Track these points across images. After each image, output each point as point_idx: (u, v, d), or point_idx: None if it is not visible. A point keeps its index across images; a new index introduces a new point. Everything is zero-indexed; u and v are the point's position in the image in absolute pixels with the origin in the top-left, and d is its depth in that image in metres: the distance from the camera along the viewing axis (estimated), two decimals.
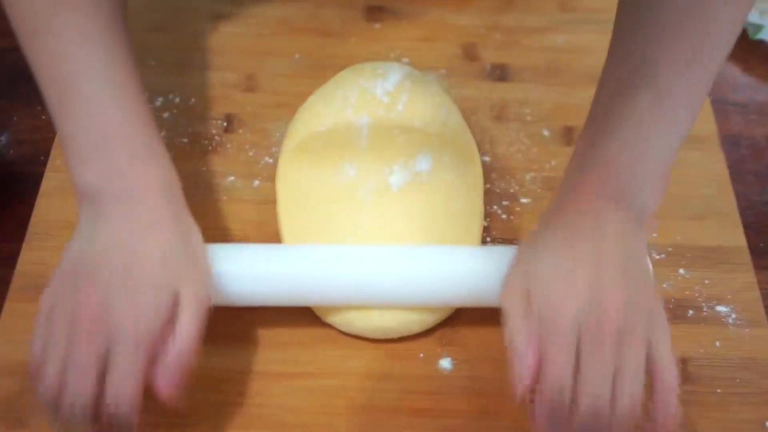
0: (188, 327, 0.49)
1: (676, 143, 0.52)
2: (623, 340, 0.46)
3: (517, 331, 0.49)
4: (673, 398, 0.47)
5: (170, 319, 0.48)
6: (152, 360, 0.47)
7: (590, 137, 0.52)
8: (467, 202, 0.62)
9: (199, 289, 0.50)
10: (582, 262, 0.49)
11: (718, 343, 0.59)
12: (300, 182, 0.62)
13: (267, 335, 0.58)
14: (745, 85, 0.78)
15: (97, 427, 0.47)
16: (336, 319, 0.58)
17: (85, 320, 0.47)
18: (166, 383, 0.48)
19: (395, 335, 0.58)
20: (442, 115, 0.66)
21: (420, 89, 0.67)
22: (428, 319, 0.58)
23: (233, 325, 0.59)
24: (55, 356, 0.47)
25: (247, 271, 0.55)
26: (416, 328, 0.58)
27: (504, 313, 0.50)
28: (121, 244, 0.49)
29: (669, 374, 0.47)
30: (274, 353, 0.58)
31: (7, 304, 0.59)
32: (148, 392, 0.47)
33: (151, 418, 0.52)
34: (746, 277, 0.62)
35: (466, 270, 0.56)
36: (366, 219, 0.60)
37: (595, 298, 0.47)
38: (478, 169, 0.65)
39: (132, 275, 0.48)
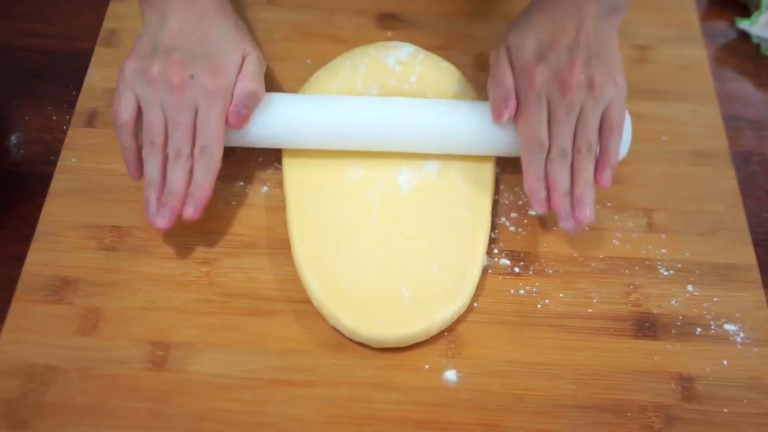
0: (254, 74, 0.63)
1: None
2: (585, 96, 0.59)
3: (499, 68, 0.62)
4: (617, 138, 0.61)
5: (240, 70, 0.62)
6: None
7: None
8: (475, 210, 0.63)
9: (259, 55, 0.65)
10: (558, 33, 0.61)
11: (725, 362, 0.59)
12: (309, 182, 0.63)
13: (271, 342, 0.58)
14: (757, 101, 0.77)
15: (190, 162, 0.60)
16: (341, 324, 0.58)
17: (177, 90, 0.59)
18: (237, 116, 0.61)
19: (401, 344, 0.58)
20: (456, 89, 0.67)
21: (434, 62, 0.68)
22: (431, 328, 0.58)
23: (238, 331, 0.59)
24: (157, 111, 0.60)
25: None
26: (421, 336, 0.58)
27: (491, 63, 0.64)
28: (192, 27, 0.62)
29: (616, 125, 0.60)
30: (277, 360, 0.58)
31: (14, 305, 0.59)
32: None
33: None
34: (756, 295, 0.62)
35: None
36: (374, 222, 0.61)
37: (565, 60, 0.60)
38: (490, 171, 0.65)
39: (210, 46, 0.61)
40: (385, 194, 0.63)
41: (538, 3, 0.63)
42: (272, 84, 0.73)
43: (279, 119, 0.63)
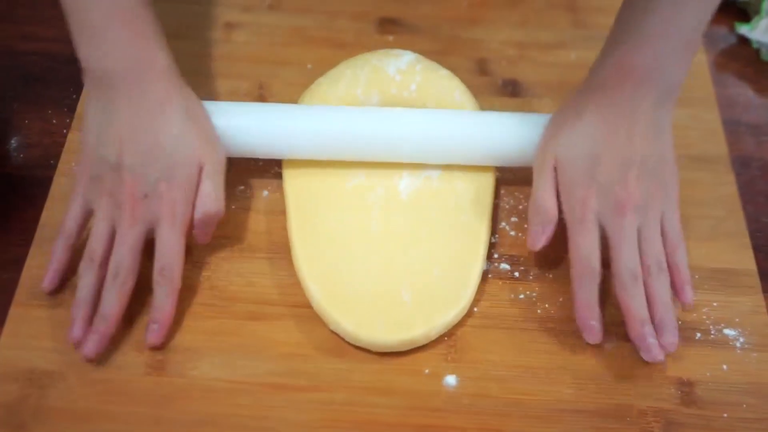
0: (214, 191, 0.58)
1: (702, 21, 0.58)
2: (642, 214, 0.57)
3: (543, 189, 0.58)
4: (682, 251, 0.58)
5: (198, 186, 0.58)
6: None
7: (623, 19, 0.59)
8: (475, 214, 0.63)
9: (217, 158, 0.59)
10: (611, 142, 0.57)
11: (725, 367, 0.59)
12: (309, 187, 0.64)
13: (270, 347, 0.58)
14: (757, 105, 0.77)
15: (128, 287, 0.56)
16: (342, 329, 0.58)
17: (128, 208, 0.56)
18: (202, 235, 0.60)
19: (401, 348, 0.58)
20: (456, 99, 0.67)
21: (433, 70, 0.69)
22: (431, 332, 0.58)
23: (237, 336, 0.59)
24: (105, 226, 0.57)
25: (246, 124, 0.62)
26: (422, 340, 0.58)
27: (534, 175, 0.60)
28: (139, 129, 0.57)
29: (677, 237, 0.58)
30: (277, 365, 0.58)
31: (13, 309, 0.59)
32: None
33: None
34: (755, 300, 0.62)
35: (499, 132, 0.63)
36: (374, 227, 0.62)
37: (618, 178, 0.56)
38: (490, 175, 0.66)
39: (162, 157, 0.56)
40: (386, 199, 0.63)
41: (590, 97, 0.59)
42: (273, 89, 0.73)
43: (279, 131, 0.63)
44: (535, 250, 0.59)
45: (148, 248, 0.58)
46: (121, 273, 0.56)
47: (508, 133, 0.64)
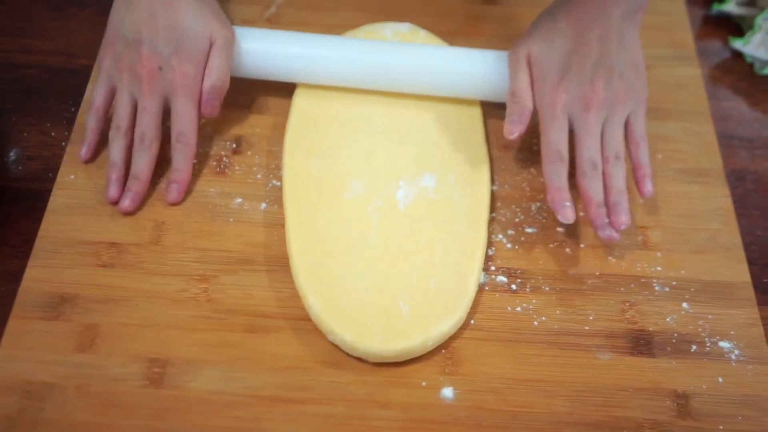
0: (221, 64, 0.65)
1: None
2: (607, 112, 0.62)
3: (520, 82, 0.63)
4: (644, 148, 0.64)
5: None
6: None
7: None
8: (472, 227, 0.64)
9: (226, 35, 0.66)
10: (583, 45, 0.62)
11: (720, 379, 0.59)
12: (308, 199, 0.64)
13: (268, 359, 0.58)
14: (751, 119, 0.78)
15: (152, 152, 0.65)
16: (340, 339, 0.58)
17: (145, 80, 0.64)
18: (209, 106, 0.66)
19: (398, 358, 0.58)
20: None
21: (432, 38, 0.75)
22: (428, 342, 0.58)
23: (235, 348, 0.59)
24: (127, 98, 0.64)
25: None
26: (418, 350, 0.58)
27: (510, 70, 0.65)
28: (158, 12, 0.64)
29: (640, 135, 0.64)
30: (275, 377, 0.58)
31: (11, 322, 0.59)
32: None
33: None
34: (750, 312, 0.62)
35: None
36: (372, 239, 0.62)
37: (589, 78, 0.62)
38: (486, 187, 0.66)
39: (176, 34, 0.64)
40: (383, 211, 0.64)
41: (563, 7, 0.64)
42: (271, 102, 0.73)
43: (289, 54, 0.69)
44: (511, 137, 0.63)
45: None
46: (146, 138, 0.64)
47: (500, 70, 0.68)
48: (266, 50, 0.69)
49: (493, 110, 0.73)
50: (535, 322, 0.61)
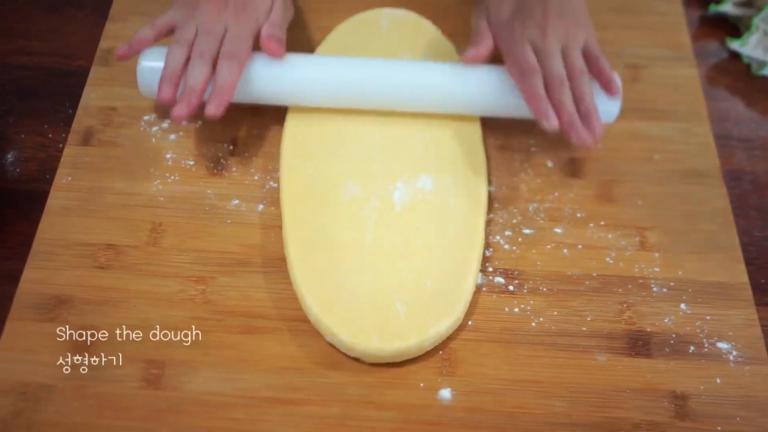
0: (279, 19, 0.69)
1: None
2: (563, 38, 0.65)
3: (479, 24, 0.68)
4: (604, 62, 0.66)
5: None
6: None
7: None
8: (469, 228, 0.64)
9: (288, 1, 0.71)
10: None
11: (718, 380, 0.59)
12: (305, 200, 0.64)
13: (265, 360, 0.58)
14: (748, 120, 0.78)
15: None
16: (337, 339, 0.58)
17: (211, 11, 0.66)
18: (270, 42, 0.67)
19: (395, 358, 0.58)
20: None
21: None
22: (425, 343, 0.58)
23: (232, 350, 0.59)
24: (191, 26, 0.66)
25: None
26: (415, 351, 0.58)
27: (472, 20, 0.70)
28: None
29: (597, 51, 0.66)
30: (272, 378, 0.58)
31: (9, 323, 0.59)
32: None
33: None
34: (748, 313, 0.62)
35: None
36: (369, 240, 0.62)
37: (540, 13, 0.66)
38: (483, 188, 0.66)
39: None
40: (380, 212, 0.64)
41: None
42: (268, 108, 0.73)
43: (285, 76, 0.68)
44: (466, 60, 0.67)
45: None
46: (206, 54, 0.64)
47: (495, 85, 0.68)
48: (259, 73, 0.67)
49: None
50: (533, 323, 0.61)
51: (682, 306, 0.63)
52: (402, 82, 0.68)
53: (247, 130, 0.71)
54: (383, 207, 0.64)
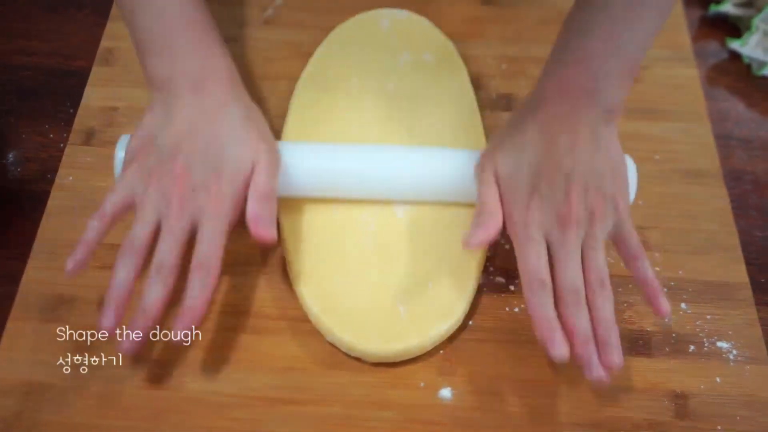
0: (266, 184, 0.57)
1: (645, 42, 0.58)
2: (586, 227, 0.55)
3: (489, 198, 0.57)
4: (644, 261, 0.56)
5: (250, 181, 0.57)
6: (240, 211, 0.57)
7: (564, 39, 0.60)
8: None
9: (272, 158, 0.59)
10: (553, 155, 0.56)
11: (719, 380, 0.59)
12: (304, 203, 0.64)
13: (267, 360, 0.58)
14: (748, 120, 0.78)
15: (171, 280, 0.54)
16: (338, 339, 0.58)
17: (176, 199, 0.55)
18: (258, 228, 0.56)
19: (396, 359, 0.58)
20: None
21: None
22: (426, 343, 0.58)
23: (234, 350, 0.59)
24: (151, 214, 0.55)
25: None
26: (416, 351, 0.58)
27: (478, 189, 0.59)
28: (199, 126, 0.57)
29: (636, 248, 0.56)
30: (273, 378, 0.58)
31: (9, 324, 0.59)
32: None
33: None
34: (748, 313, 0.62)
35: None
36: (370, 242, 0.62)
37: (562, 191, 0.55)
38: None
39: (217, 153, 0.56)
40: (381, 214, 0.64)
41: (531, 113, 0.59)
42: (270, 104, 0.73)
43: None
44: (472, 247, 0.57)
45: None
46: (165, 267, 0.53)
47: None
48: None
49: (492, 114, 0.73)
50: None
51: (683, 305, 0.63)
52: (399, 174, 0.63)
53: None
54: (385, 210, 0.64)
